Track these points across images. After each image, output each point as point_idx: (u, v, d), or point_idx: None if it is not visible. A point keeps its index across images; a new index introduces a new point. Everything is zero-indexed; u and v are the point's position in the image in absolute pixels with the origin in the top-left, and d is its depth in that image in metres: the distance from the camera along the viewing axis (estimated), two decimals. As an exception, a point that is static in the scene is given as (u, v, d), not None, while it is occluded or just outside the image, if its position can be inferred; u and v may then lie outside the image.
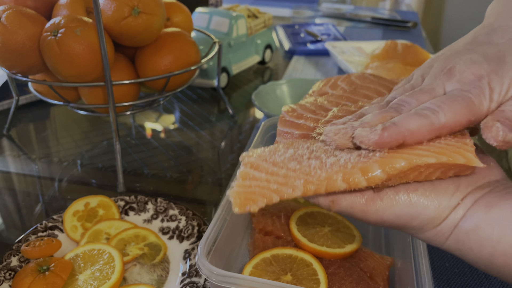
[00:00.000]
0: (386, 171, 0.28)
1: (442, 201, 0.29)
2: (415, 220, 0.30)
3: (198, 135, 0.78)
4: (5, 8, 0.58)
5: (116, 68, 0.62)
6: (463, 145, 0.29)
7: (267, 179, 0.30)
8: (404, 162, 0.28)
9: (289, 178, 0.29)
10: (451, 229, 0.29)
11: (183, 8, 0.74)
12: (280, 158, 0.31)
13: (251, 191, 0.29)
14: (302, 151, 0.31)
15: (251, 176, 0.30)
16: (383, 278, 0.43)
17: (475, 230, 0.28)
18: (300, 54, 1.19)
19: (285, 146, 0.32)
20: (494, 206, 0.28)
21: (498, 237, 0.27)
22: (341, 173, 0.29)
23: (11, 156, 0.71)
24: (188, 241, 0.51)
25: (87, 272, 0.44)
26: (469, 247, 0.29)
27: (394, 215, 0.30)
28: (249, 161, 0.31)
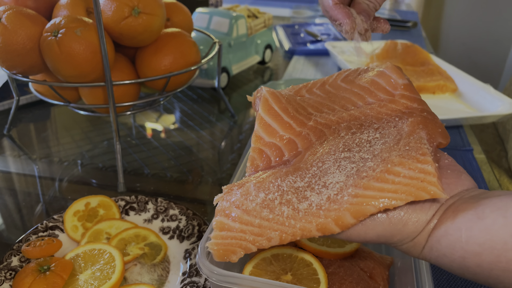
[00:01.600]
0: (357, 217, 0.29)
1: (420, 216, 0.30)
2: (395, 237, 0.31)
3: (198, 135, 0.78)
4: (5, 9, 0.58)
5: (116, 68, 0.62)
6: (426, 177, 0.30)
7: (242, 230, 0.30)
8: (373, 208, 0.29)
9: (264, 229, 0.30)
10: (425, 238, 0.30)
11: (183, 8, 0.74)
12: (252, 205, 0.31)
13: (229, 243, 0.31)
14: (273, 195, 0.31)
15: (226, 227, 0.31)
16: (383, 278, 0.43)
17: (445, 236, 0.29)
18: (300, 54, 1.20)
19: (255, 186, 0.32)
20: (459, 210, 0.29)
21: (466, 238, 0.28)
22: (315, 223, 0.30)
23: (11, 156, 0.71)
24: (189, 241, 0.51)
25: (88, 272, 0.44)
26: (443, 253, 0.30)
27: (376, 235, 0.31)
28: (222, 208, 0.31)
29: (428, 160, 0.30)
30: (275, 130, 0.36)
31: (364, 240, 0.31)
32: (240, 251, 0.31)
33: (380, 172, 0.30)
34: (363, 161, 0.32)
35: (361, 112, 0.38)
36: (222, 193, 0.33)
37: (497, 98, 0.80)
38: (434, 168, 0.30)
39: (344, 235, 0.31)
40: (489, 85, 0.84)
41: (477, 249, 0.28)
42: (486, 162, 0.70)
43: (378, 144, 0.33)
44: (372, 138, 0.34)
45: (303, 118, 0.37)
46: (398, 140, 0.33)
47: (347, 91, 0.40)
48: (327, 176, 0.31)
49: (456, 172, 0.33)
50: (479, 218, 0.28)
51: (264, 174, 0.33)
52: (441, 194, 0.29)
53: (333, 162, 0.32)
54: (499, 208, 0.28)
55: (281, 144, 0.36)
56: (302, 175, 0.32)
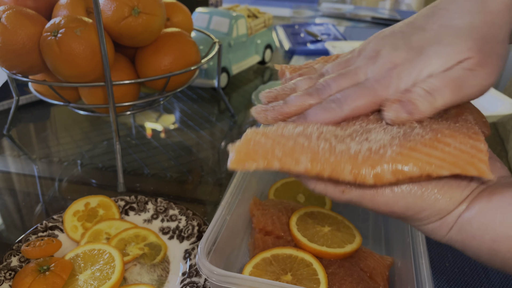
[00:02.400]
0: (396, 175, 0.27)
1: (454, 195, 0.29)
2: (424, 212, 0.29)
3: (198, 135, 0.78)
4: (5, 8, 0.58)
5: (116, 68, 0.62)
6: (477, 153, 0.28)
7: (273, 145, 0.28)
8: (417, 169, 0.27)
9: (296, 150, 0.28)
10: (454, 219, 0.29)
11: (183, 8, 0.74)
12: (289, 132, 0.29)
13: (254, 149, 0.28)
14: (312, 130, 0.30)
15: (257, 140, 0.28)
16: (383, 278, 0.43)
17: (477, 216, 0.28)
18: (300, 54, 1.19)
19: (294, 124, 0.30)
20: (496, 193, 0.28)
21: (500, 220, 0.27)
22: (350, 164, 0.27)
23: (11, 156, 0.71)
24: (188, 241, 0.51)
25: (87, 272, 0.44)
26: (471, 235, 0.29)
27: (405, 206, 0.29)
28: (255, 130, 0.29)
29: (480, 138, 0.29)
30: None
31: (391, 211, 0.30)
32: (262, 162, 0.28)
33: (429, 139, 0.28)
34: (411, 129, 0.30)
35: None
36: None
37: (497, 98, 0.80)
38: (487, 147, 0.29)
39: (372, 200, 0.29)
40: (489, 85, 0.84)
41: (510, 232, 0.27)
42: (486, 162, 0.70)
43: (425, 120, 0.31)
44: None
45: None
46: (446, 118, 0.32)
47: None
48: (371, 133, 0.29)
49: (492, 159, 0.32)
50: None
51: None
52: (489, 174, 0.27)
53: (379, 125, 0.31)
54: None
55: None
56: (343, 127, 0.31)
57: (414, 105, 0.29)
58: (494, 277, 0.48)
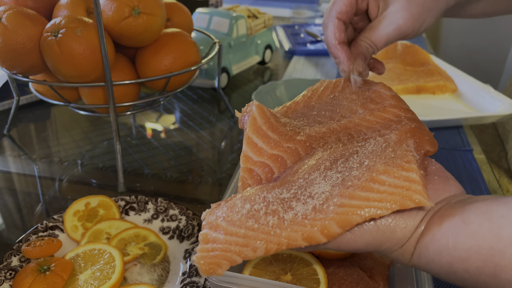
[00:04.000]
0: (343, 227, 0.29)
1: (408, 222, 0.30)
2: (384, 244, 0.31)
3: (198, 135, 0.78)
4: (5, 9, 0.58)
5: (116, 68, 0.62)
6: (411, 185, 0.30)
7: (227, 241, 0.30)
8: (359, 218, 0.29)
9: (249, 239, 0.30)
10: (413, 245, 0.30)
11: (183, 9, 0.74)
12: (237, 216, 0.31)
13: (214, 255, 0.30)
14: (258, 206, 0.31)
15: (211, 239, 0.30)
16: (382, 278, 0.43)
17: (432, 242, 0.29)
18: (300, 55, 1.20)
19: (242, 199, 0.32)
20: (446, 216, 0.29)
21: (453, 244, 0.28)
22: (300, 232, 0.30)
23: (11, 156, 0.71)
24: (189, 241, 0.51)
25: (88, 272, 0.44)
26: (431, 259, 0.29)
27: (365, 244, 0.31)
28: (208, 222, 0.31)
29: (413, 167, 0.31)
30: (262, 149, 0.36)
31: (353, 249, 0.31)
32: (226, 263, 0.30)
33: (365, 181, 0.30)
34: (349, 170, 0.32)
35: (351, 122, 0.38)
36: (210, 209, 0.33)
37: (497, 99, 0.80)
38: (419, 175, 0.30)
39: (333, 245, 0.31)
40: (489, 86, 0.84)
41: (463, 255, 0.28)
42: (486, 163, 0.70)
43: (365, 154, 0.33)
44: (359, 147, 0.34)
45: (292, 133, 0.37)
46: (385, 148, 0.33)
47: (335, 105, 0.40)
48: (313, 187, 0.31)
49: (443, 178, 0.33)
50: (464, 223, 0.28)
51: (252, 189, 0.33)
52: (426, 202, 0.29)
53: (320, 173, 0.32)
54: (485, 212, 0.27)
55: (270, 162, 0.36)
56: (288, 187, 0.32)
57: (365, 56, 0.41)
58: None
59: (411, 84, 0.90)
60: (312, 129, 0.38)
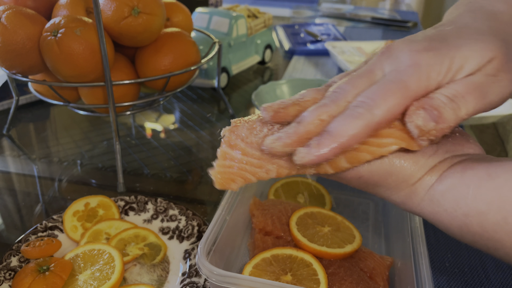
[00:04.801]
0: (351, 163, 0.30)
1: (419, 160, 0.29)
2: (390, 177, 0.30)
3: (198, 135, 0.78)
4: (5, 8, 0.57)
5: (116, 68, 0.62)
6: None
7: (243, 160, 0.31)
8: (369, 155, 0.29)
9: (263, 161, 0.31)
10: (426, 189, 0.29)
11: (183, 8, 0.74)
12: (255, 139, 0.32)
13: (230, 171, 0.32)
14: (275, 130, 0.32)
15: (229, 156, 0.32)
16: (383, 278, 0.43)
17: (450, 190, 0.28)
18: (300, 54, 1.19)
19: (261, 122, 0.33)
20: (470, 168, 0.28)
21: (473, 195, 0.27)
22: None
23: (11, 156, 0.71)
24: (188, 241, 0.51)
25: (87, 272, 0.44)
26: (444, 209, 0.28)
27: (369, 171, 0.30)
28: (228, 140, 0.32)
29: None
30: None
31: (357, 176, 0.30)
32: (240, 180, 0.32)
33: None
34: None
35: None
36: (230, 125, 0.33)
37: (497, 98, 0.80)
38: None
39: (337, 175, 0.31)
40: (489, 85, 0.84)
41: (483, 208, 0.27)
42: (486, 163, 0.70)
43: None
44: None
45: None
46: None
47: None
48: None
49: (465, 136, 0.32)
50: (490, 176, 0.27)
51: None
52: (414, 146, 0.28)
53: None
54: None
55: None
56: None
57: (439, 112, 0.26)
58: (494, 277, 0.48)
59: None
60: None
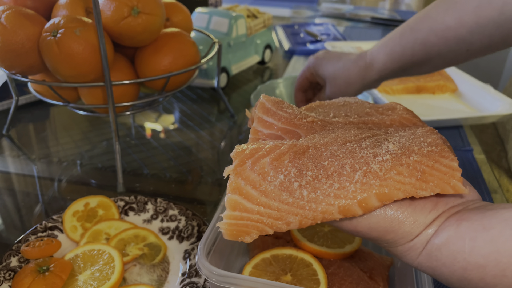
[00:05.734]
0: (382, 201, 0.28)
1: (419, 218, 0.29)
2: (389, 234, 0.30)
3: (198, 135, 0.78)
4: (4, 9, 0.57)
5: (115, 68, 0.62)
6: (452, 172, 0.29)
7: (259, 212, 0.29)
8: (401, 194, 0.28)
9: (283, 213, 0.29)
10: (423, 244, 0.29)
11: (183, 8, 0.74)
12: (270, 187, 0.29)
13: (243, 224, 0.29)
14: (293, 177, 0.29)
15: (241, 207, 0.29)
16: (383, 278, 0.43)
17: (446, 244, 0.28)
18: (299, 54, 1.19)
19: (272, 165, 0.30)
20: (464, 219, 0.28)
21: (469, 249, 0.27)
22: (337, 205, 0.28)
23: (10, 156, 0.70)
24: (188, 241, 0.51)
25: (87, 273, 0.44)
26: (442, 263, 0.28)
27: (368, 227, 0.30)
28: (236, 187, 0.29)
29: (453, 157, 0.30)
30: (273, 124, 0.35)
31: (355, 231, 0.30)
32: (255, 233, 0.29)
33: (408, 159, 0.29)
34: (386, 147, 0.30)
35: (369, 120, 0.36)
36: (233, 164, 0.30)
37: (497, 98, 0.80)
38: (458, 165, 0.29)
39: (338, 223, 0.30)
40: (489, 85, 0.84)
41: (481, 261, 0.26)
42: (486, 163, 0.70)
43: (395, 138, 0.32)
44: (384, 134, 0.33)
45: (304, 115, 0.36)
46: (414, 138, 0.32)
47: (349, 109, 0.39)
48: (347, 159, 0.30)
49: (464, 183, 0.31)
50: (484, 228, 0.27)
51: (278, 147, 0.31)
52: (464, 190, 0.29)
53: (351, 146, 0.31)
54: (506, 219, 0.26)
55: (281, 133, 0.34)
56: (318, 156, 0.30)
57: None
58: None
59: (411, 84, 0.89)
60: (327, 119, 0.36)
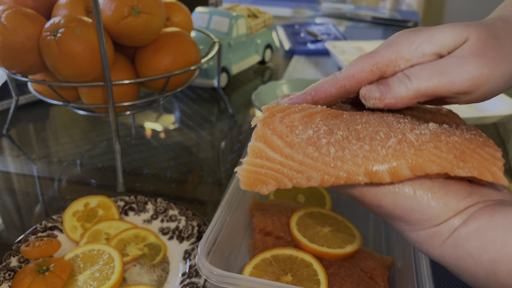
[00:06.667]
0: (414, 171, 0.26)
1: (450, 203, 0.27)
2: (414, 214, 0.27)
3: (198, 135, 0.78)
4: (4, 8, 0.57)
5: (115, 68, 0.62)
6: (493, 160, 0.27)
7: (281, 162, 0.27)
8: (435, 167, 0.26)
9: (306, 167, 0.27)
10: (449, 231, 0.27)
11: (183, 8, 0.74)
12: (297, 139, 0.28)
13: (263, 172, 0.27)
14: (322, 134, 0.28)
15: (264, 155, 0.28)
16: (383, 279, 0.43)
17: (476, 233, 0.26)
18: (300, 54, 1.19)
19: (303, 120, 0.29)
20: (499, 211, 0.26)
21: (502, 239, 0.25)
22: (364, 167, 0.27)
23: (10, 156, 0.70)
24: (188, 241, 0.51)
25: (87, 273, 0.44)
26: (469, 253, 0.26)
27: (393, 203, 0.28)
28: (262, 134, 0.28)
29: (497, 148, 0.28)
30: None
31: (378, 205, 0.28)
32: (273, 184, 0.27)
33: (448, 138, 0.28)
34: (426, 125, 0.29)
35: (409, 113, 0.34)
36: (262, 114, 0.29)
37: (498, 98, 0.80)
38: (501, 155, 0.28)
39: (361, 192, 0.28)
40: (490, 85, 0.84)
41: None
42: (486, 162, 0.70)
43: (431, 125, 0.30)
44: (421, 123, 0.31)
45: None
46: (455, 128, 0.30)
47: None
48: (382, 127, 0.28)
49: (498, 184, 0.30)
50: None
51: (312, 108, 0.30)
52: (504, 180, 0.27)
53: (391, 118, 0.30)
54: None
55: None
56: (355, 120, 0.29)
57: (388, 86, 0.29)
58: (494, 277, 0.47)
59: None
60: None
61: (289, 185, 0.27)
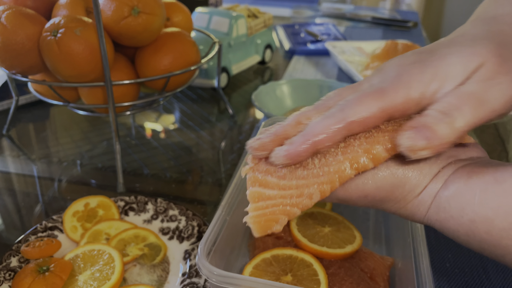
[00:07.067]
0: (389, 152, 0.28)
1: (423, 169, 0.29)
2: (397, 190, 0.29)
3: (198, 135, 0.78)
4: (4, 8, 0.57)
5: (116, 68, 0.62)
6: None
7: (282, 196, 0.29)
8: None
9: (303, 188, 0.29)
10: (431, 197, 0.29)
11: (183, 8, 0.74)
12: (285, 170, 0.30)
13: (270, 212, 0.29)
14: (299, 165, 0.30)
15: (264, 196, 0.29)
16: (383, 279, 0.43)
17: (456, 196, 0.28)
18: (300, 54, 1.19)
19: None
20: (476, 172, 0.28)
21: (479, 201, 0.27)
22: (348, 161, 0.29)
23: (10, 156, 0.70)
24: (188, 241, 0.51)
25: (87, 273, 0.44)
26: (450, 215, 0.28)
27: (376, 187, 0.29)
28: (255, 180, 0.30)
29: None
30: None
31: (363, 195, 0.30)
32: (283, 218, 0.29)
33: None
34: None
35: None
36: (249, 164, 0.31)
37: (498, 98, 0.80)
38: None
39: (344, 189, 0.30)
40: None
41: (489, 214, 0.26)
42: (486, 163, 0.70)
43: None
44: None
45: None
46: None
47: None
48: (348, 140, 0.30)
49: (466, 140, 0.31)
50: (496, 181, 0.26)
51: None
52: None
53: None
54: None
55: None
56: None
57: (431, 129, 0.26)
58: (494, 277, 0.47)
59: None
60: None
61: (298, 212, 0.29)
